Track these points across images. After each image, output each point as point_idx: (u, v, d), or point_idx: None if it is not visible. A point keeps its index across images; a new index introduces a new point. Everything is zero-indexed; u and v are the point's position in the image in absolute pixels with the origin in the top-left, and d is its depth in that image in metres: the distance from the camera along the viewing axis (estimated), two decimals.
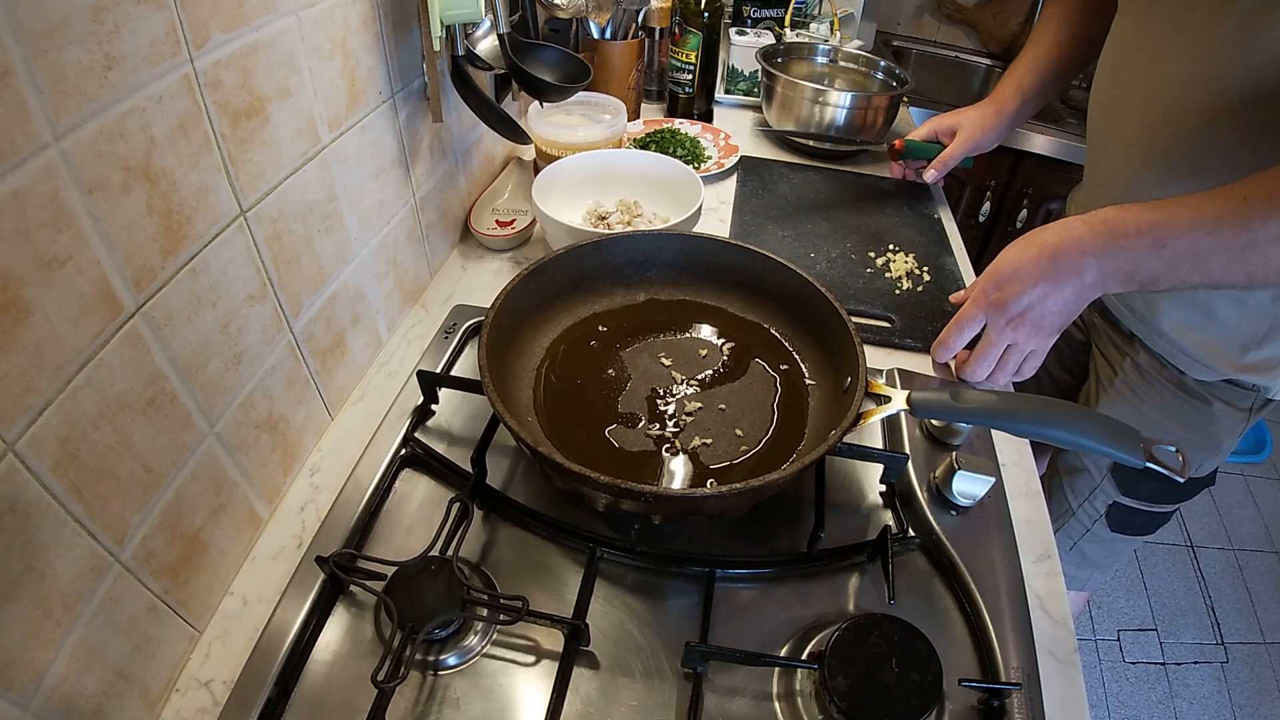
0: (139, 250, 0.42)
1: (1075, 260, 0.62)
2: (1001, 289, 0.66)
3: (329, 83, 0.58)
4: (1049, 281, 0.64)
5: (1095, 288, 0.63)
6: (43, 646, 0.39)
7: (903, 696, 0.46)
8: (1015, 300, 0.65)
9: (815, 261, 0.91)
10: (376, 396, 0.72)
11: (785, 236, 0.95)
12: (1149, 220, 0.59)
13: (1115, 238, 0.61)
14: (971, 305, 0.69)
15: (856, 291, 0.87)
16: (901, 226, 1.00)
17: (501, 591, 0.55)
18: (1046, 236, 0.64)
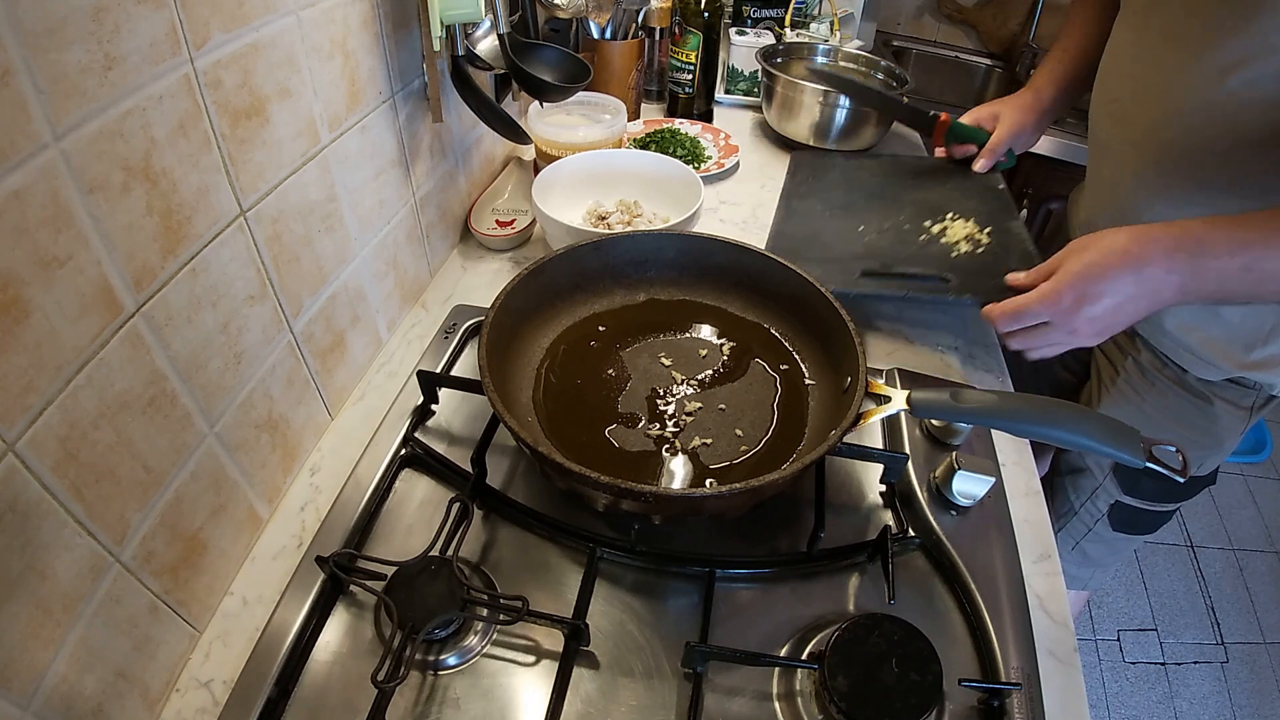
0: (139, 250, 0.42)
1: (1160, 278, 0.59)
2: (1079, 300, 0.61)
3: (329, 83, 0.58)
4: (1128, 297, 0.60)
5: (1167, 303, 0.61)
6: (43, 646, 0.39)
7: (903, 696, 0.46)
8: (1089, 309, 0.61)
9: (864, 234, 0.85)
10: (376, 396, 0.72)
11: (831, 213, 0.90)
12: (1240, 239, 0.57)
13: (1204, 257, 0.58)
14: (1040, 304, 0.64)
15: (909, 256, 0.81)
16: (961, 197, 0.92)
17: (501, 591, 0.55)
18: (1130, 247, 0.60)
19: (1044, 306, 0.63)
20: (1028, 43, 1.81)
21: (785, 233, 0.87)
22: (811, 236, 0.86)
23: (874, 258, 0.79)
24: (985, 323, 0.93)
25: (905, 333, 0.85)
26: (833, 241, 0.84)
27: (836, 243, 0.84)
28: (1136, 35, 0.73)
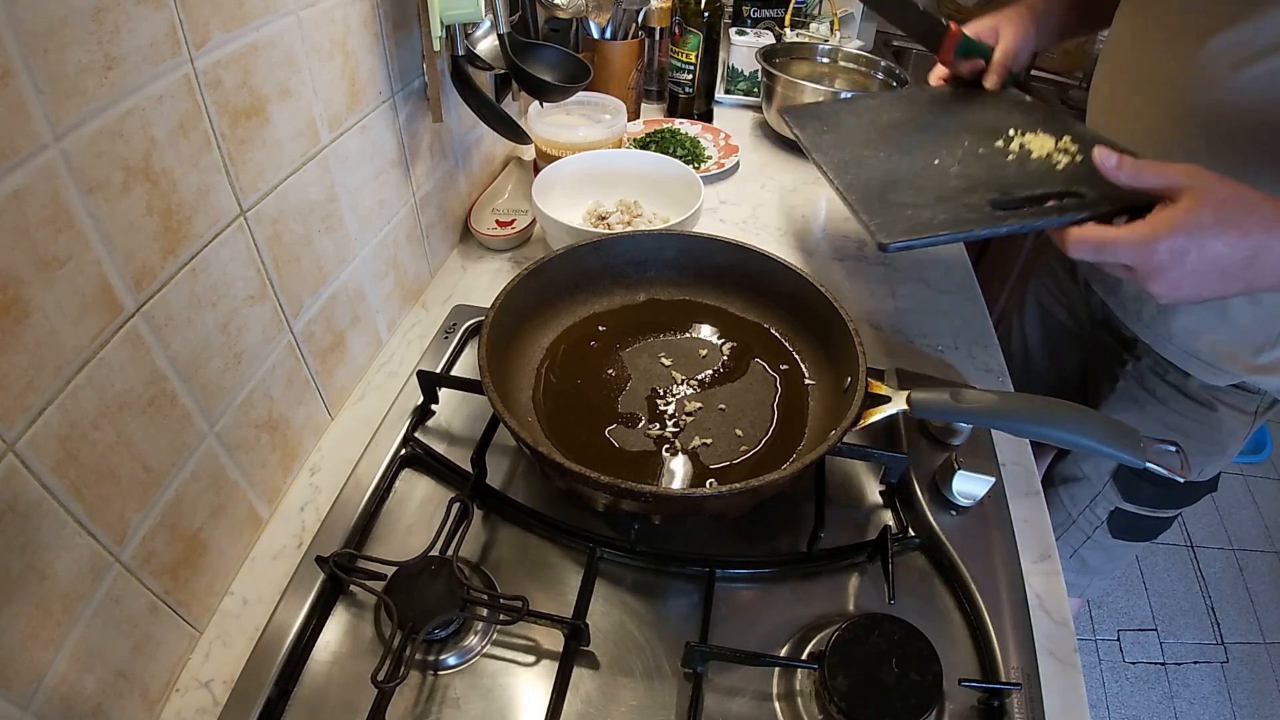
0: (139, 250, 0.42)
1: (1273, 267, 0.50)
2: (1177, 260, 0.51)
3: (329, 83, 0.58)
4: (1232, 272, 0.51)
5: (1260, 290, 0.53)
6: (43, 646, 0.39)
7: (903, 696, 0.46)
8: (1181, 270, 0.51)
9: (947, 166, 0.71)
10: (376, 396, 0.72)
11: (888, 156, 0.74)
12: None
13: None
14: (1131, 249, 0.52)
15: (1017, 180, 0.66)
16: (1005, 114, 0.78)
17: (501, 591, 0.55)
18: (1250, 225, 0.50)
19: (1134, 253, 0.52)
20: None
21: (859, 183, 0.69)
22: (890, 180, 0.69)
23: (984, 188, 0.65)
24: (985, 317, 0.90)
25: (905, 332, 0.85)
26: (920, 181, 0.69)
27: (926, 182, 0.68)
28: (1135, 29, 0.72)
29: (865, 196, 0.66)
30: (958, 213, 0.61)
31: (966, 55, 0.86)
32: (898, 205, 0.62)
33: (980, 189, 0.66)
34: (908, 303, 0.89)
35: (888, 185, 0.69)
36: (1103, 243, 0.53)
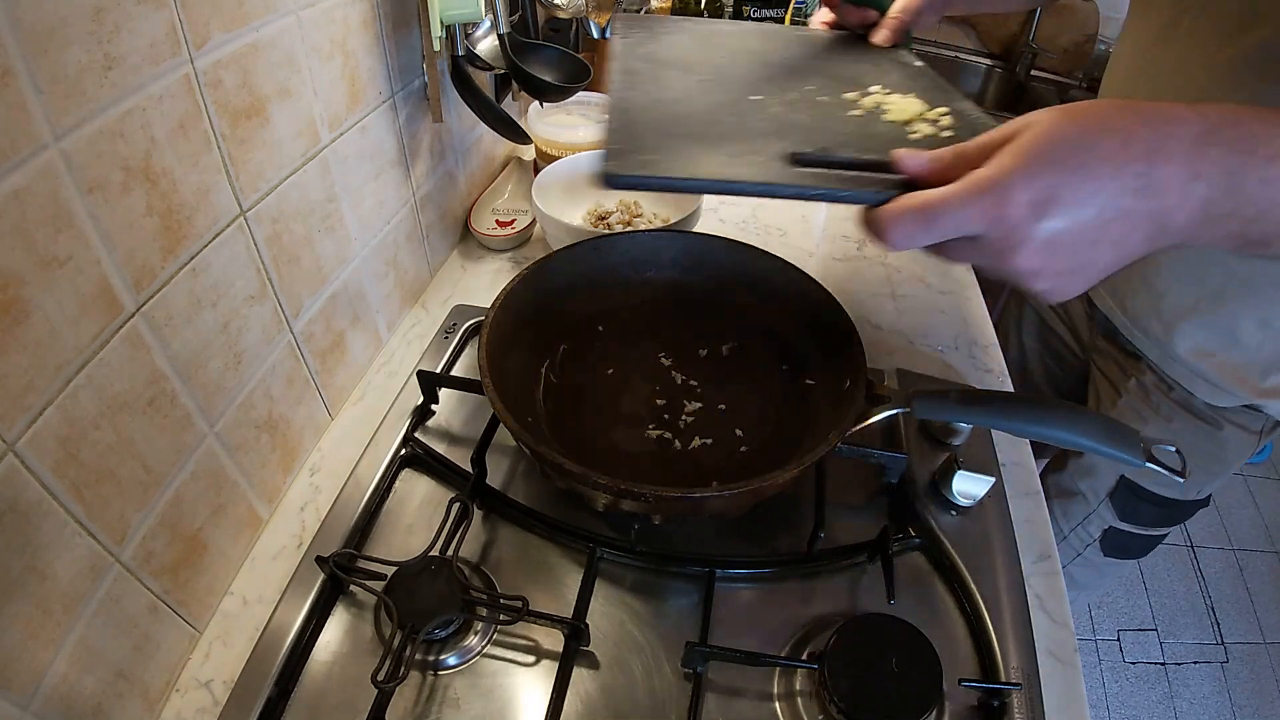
0: (139, 250, 0.42)
1: (1177, 186, 0.35)
2: (1036, 207, 0.36)
3: (329, 83, 0.58)
4: (1119, 214, 0.36)
5: (1172, 238, 0.38)
6: (43, 646, 0.39)
7: (903, 696, 0.46)
8: (1049, 223, 0.36)
9: (766, 105, 0.56)
10: (376, 396, 0.72)
11: (699, 82, 0.59)
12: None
13: (1254, 160, 0.35)
14: (967, 202, 0.37)
15: (849, 138, 0.52)
16: (877, 70, 0.65)
17: (501, 591, 0.55)
18: (1134, 126, 0.36)
19: (976, 209, 0.36)
20: (1028, 43, 1.81)
21: (634, 102, 0.53)
22: (681, 107, 0.54)
23: (796, 137, 0.51)
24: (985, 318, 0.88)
25: (905, 333, 0.85)
26: (719, 115, 0.54)
27: (726, 116, 0.54)
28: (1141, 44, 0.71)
29: (628, 119, 0.51)
30: (737, 157, 0.47)
31: (857, 2, 0.74)
32: (665, 136, 0.49)
33: (790, 136, 0.52)
34: (908, 303, 0.89)
35: (674, 112, 0.54)
36: (928, 209, 0.38)
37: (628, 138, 0.48)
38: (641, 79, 0.59)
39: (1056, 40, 1.83)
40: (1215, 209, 0.36)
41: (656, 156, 0.46)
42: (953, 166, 0.39)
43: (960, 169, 0.39)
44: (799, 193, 0.45)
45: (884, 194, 0.41)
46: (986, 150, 0.38)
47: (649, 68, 0.61)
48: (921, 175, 0.41)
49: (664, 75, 0.60)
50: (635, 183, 0.45)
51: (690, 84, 0.59)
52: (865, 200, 0.42)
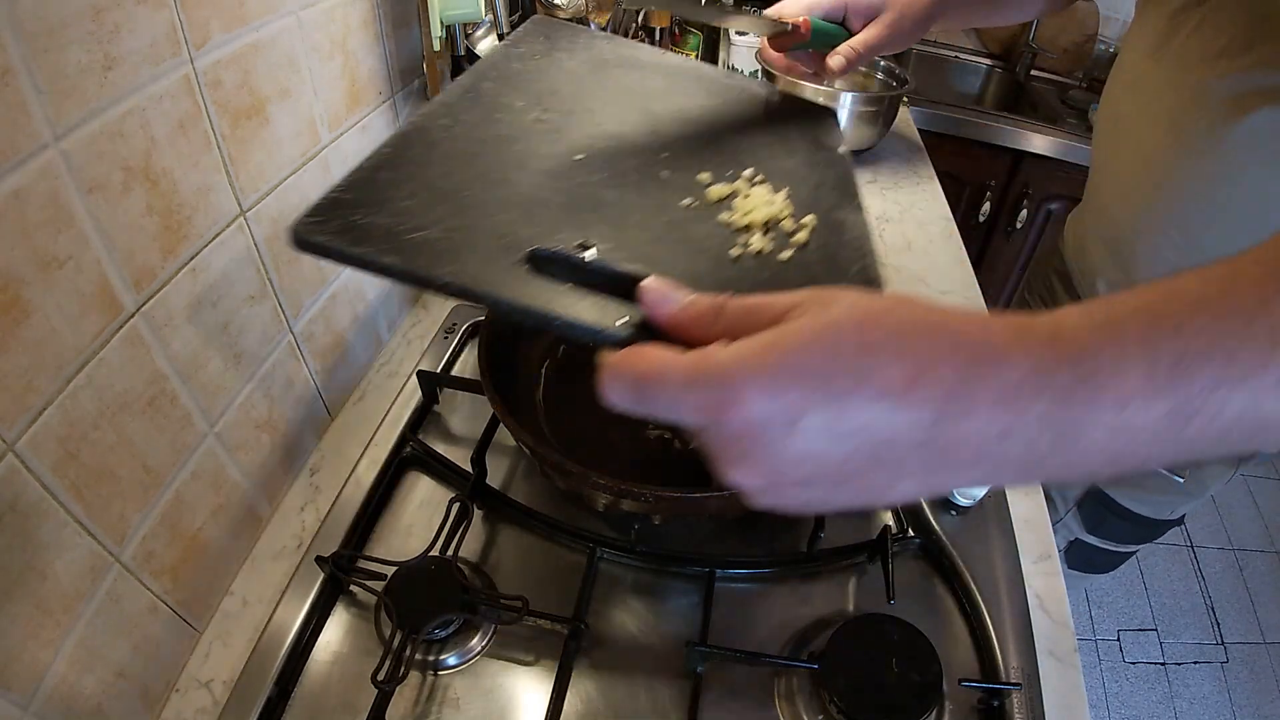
0: (139, 250, 0.42)
1: (975, 446, 0.26)
2: (783, 420, 0.26)
3: (329, 83, 0.58)
4: (883, 462, 0.27)
5: (970, 485, 0.32)
6: (43, 646, 0.39)
7: (903, 696, 0.46)
8: (793, 444, 0.27)
9: (583, 169, 0.46)
10: (376, 396, 0.72)
11: (540, 121, 0.49)
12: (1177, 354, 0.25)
13: (1093, 400, 0.25)
14: (690, 390, 0.28)
15: (651, 234, 0.42)
16: (776, 149, 0.55)
17: (501, 591, 0.55)
18: (935, 360, 0.26)
19: (691, 400, 0.28)
20: (1028, 43, 1.81)
21: (424, 136, 0.44)
22: (474, 155, 0.44)
23: (580, 223, 0.41)
24: None
25: None
26: (511, 173, 0.43)
27: (519, 174, 0.43)
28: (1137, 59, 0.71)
29: (395, 156, 0.41)
30: (459, 242, 0.37)
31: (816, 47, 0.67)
32: (419, 189, 0.40)
33: (576, 219, 0.41)
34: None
35: (463, 153, 0.44)
36: (641, 382, 0.29)
37: (366, 184, 0.39)
38: (473, 103, 0.49)
39: (1056, 40, 1.83)
40: (1037, 467, 0.27)
41: (376, 219, 0.36)
42: (706, 325, 0.30)
43: (711, 330, 0.30)
44: (503, 305, 0.34)
45: (610, 333, 0.33)
46: (753, 318, 0.29)
47: (496, 90, 0.51)
48: (662, 322, 0.31)
49: (505, 103, 0.50)
50: (320, 250, 0.34)
51: (525, 122, 0.49)
52: (584, 335, 0.33)
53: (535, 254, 0.37)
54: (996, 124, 1.59)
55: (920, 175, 1.18)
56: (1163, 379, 0.24)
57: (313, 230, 0.34)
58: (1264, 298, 0.25)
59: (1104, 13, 1.80)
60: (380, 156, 0.41)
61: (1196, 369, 0.24)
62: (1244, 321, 0.24)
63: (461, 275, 0.34)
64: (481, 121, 0.47)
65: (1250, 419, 0.25)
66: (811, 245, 0.45)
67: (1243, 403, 0.24)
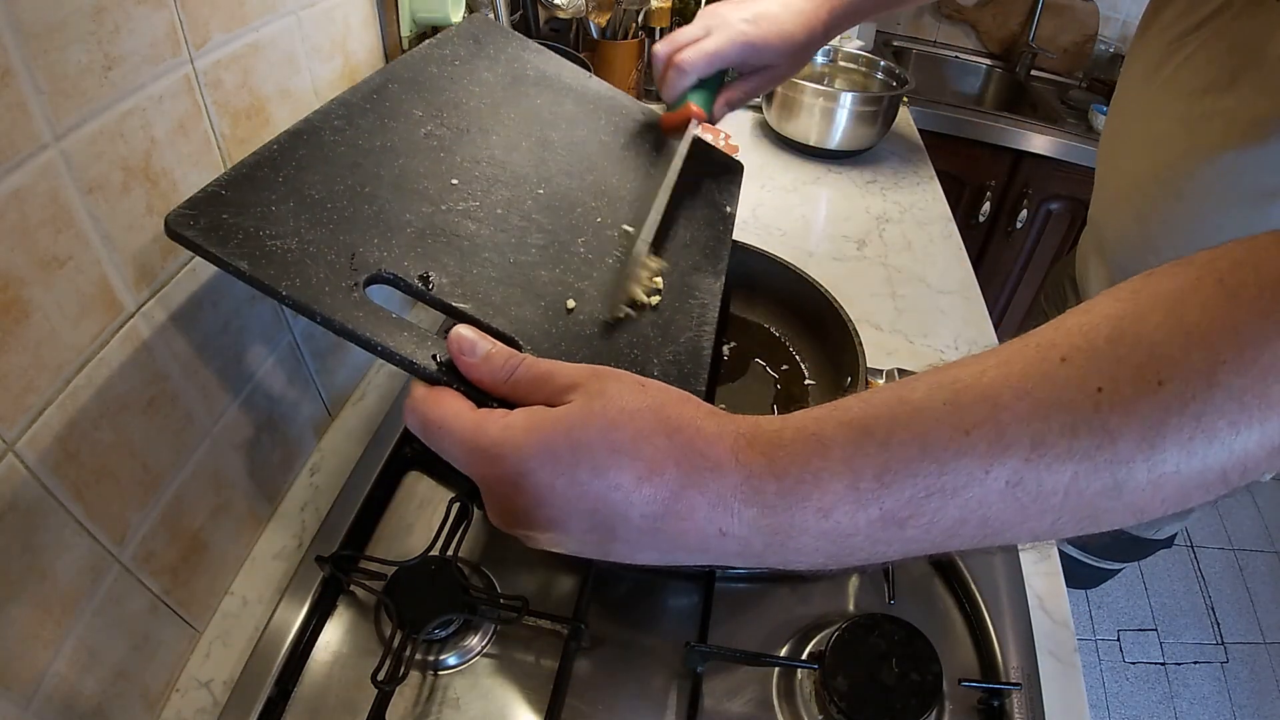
0: (139, 250, 0.42)
1: (697, 542, 0.30)
2: (522, 481, 0.30)
3: (329, 83, 0.58)
4: (619, 543, 0.31)
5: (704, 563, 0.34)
6: (43, 646, 0.39)
7: (903, 696, 0.46)
8: (523, 498, 0.31)
9: (453, 196, 0.46)
10: (376, 396, 0.72)
11: (431, 136, 0.49)
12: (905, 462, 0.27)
13: (797, 509, 0.28)
14: (466, 447, 0.32)
15: (502, 271, 0.43)
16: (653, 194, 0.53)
17: (501, 591, 0.55)
18: (662, 462, 0.29)
19: (465, 455, 0.32)
20: (1028, 43, 1.81)
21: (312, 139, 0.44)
22: (352, 164, 0.44)
23: (426, 253, 0.41)
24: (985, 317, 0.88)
25: (905, 333, 0.85)
26: (382, 190, 0.43)
27: (388, 193, 0.43)
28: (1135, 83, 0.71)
29: (280, 153, 0.41)
30: (308, 255, 0.37)
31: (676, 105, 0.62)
32: (288, 193, 0.40)
33: (414, 250, 0.41)
34: (908, 303, 0.89)
35: (341, 162, 0.43)
36: (430, 427, 0.33)
37: (244, 182, 0.39)
38: (373, 106, 0.48)
39: (1056, 40, 1.83)
40: (762, 559, 0.30)
41: (241, 221, 0.37)
42: (497, 381, 0.34)
43: (500, 387, 0.34)
44: (332, 325, 0.35)
45: (421, 368, 0.35)
46: (536, 388, 0.33)
47: (400, 94, 0.50)
48: (461, 370, 0.34)
49: (404, 110, 0.49)
50: (188, 244, 0.35)
51: (415, 136, 0.48)
52: (400, 366, 0.35)
53: (374, 278, 0.39)
54: (996, 124, 1.59)
55: (920, 175, 1.18)
56: (867, 490, 0.26)
57: (183, 223, 0.36)
58: (993, 404, 0.25)
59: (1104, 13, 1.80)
60: (267, 152, 0.41)
61: (902, 481, 0.26)
62: (961, 433, 0.25)
63: (297, 291, 0.36)
64: (373, 129, 0.47)
65: (975, 523, 0.26)
66: (664, 307, 0.46)
67: (962, 510, 0.26)
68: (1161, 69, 0.66)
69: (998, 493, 0.25)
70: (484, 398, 0.34)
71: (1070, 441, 0.24)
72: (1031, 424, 0.25)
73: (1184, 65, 0.63)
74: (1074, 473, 0.25)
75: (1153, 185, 0.66)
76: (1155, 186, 0.66)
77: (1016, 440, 0.25)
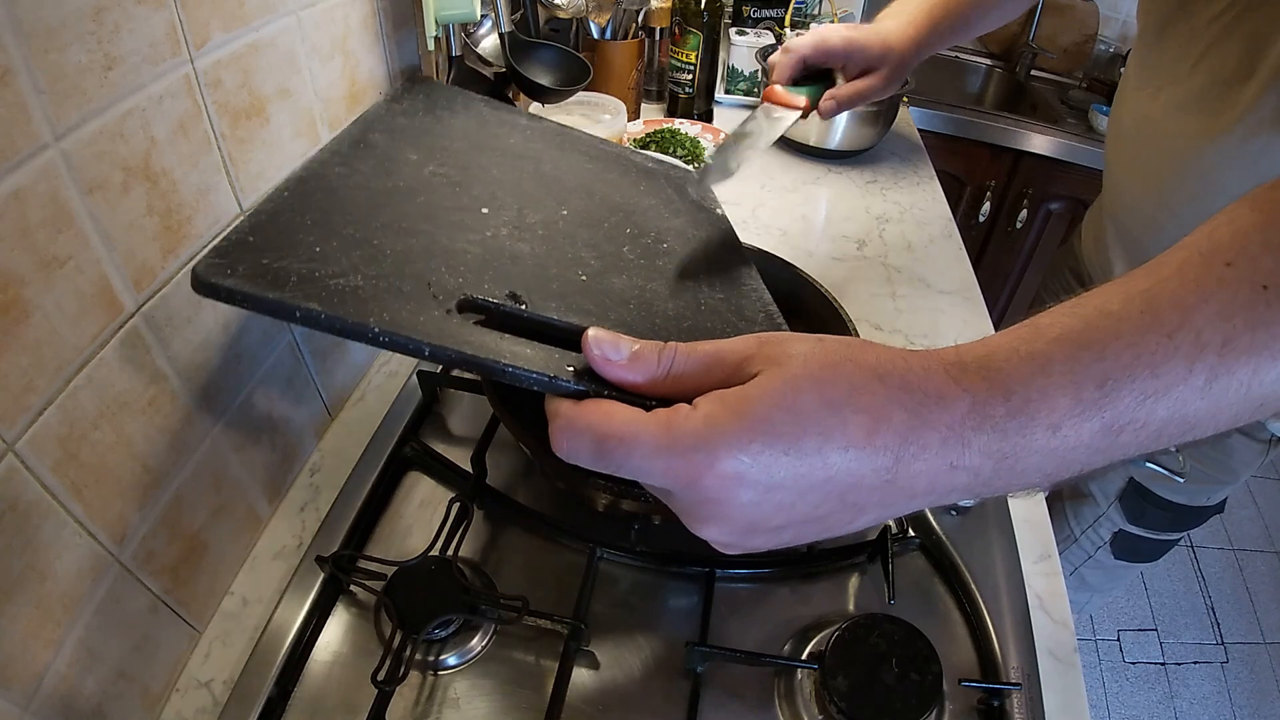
0: (139, 250, 0.42)
1: (927, 481, 0.28)
2: (748, 483, 0.28)
3: (329, 83, 0.58)
4: (850, 505, 0.29)
5: (917, 508, 0.31)
6: (43, 646, 0.39)
7: (903, 696, 0.46)
8: (745, 493, 0.28)
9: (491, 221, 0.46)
10: (376, 396, 0.72)
11: (437, 175, 0.49)
12: (1098, 376, 0.27)
13: (1025, 431, 0.28)
14: (659, 452, 0.28)
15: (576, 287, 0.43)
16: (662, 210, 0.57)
17: (501, 591, 0.55)
18: (888, 409, 0.28)
19: (663, 464, 0.28)
20: (1028, 43, 1.81)
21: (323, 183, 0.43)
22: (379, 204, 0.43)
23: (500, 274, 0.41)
24: (985, 317, 0.88)
25: (905, 332, 0.85)
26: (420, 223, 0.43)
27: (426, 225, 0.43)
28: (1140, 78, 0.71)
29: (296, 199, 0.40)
30: (383, 289, 0.35)
31: None
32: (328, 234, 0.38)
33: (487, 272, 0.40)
34: (908, 303, 0.89)
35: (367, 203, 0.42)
36: (606, 443, 0.29)
37: (270, 228, 0.36)
38: (366, 153, 0.46)
39: (1056, 40, 1.83)
40: (983, 489, 0.29)
41: (285, 264, 0.34)
42: (654, 375, 0.31)
43: (661, 382, 0.31)
44: (444, 355, 0.33)
45: (562, 382, 0.32)
46: (706, 371, 0.30)
47: (388, 142, 0.49)
48: (608, 373, 0.31)
49: (399, 155, 0.48)
50: (229, 295, 0.32)
51: (423, 175, 0.47)
52: (534, 383, 0.33)
53: (467, 302, 0.36)
54: (996, 124, 1.59)
55: (920, 175, 1.18)
56: (1090, 401, 0.27)
57: (217, 272, 0.32)
58: (1185, 308, 0.27)
59: (1104, 13, 1.80)
60: (279, 200, 0.39)
61: (1122, 388, 0.27)
62: (1165, 337, 0.27)
63: (391, 325, 0.32)
64: (378, 173, 0.45)
65: (1177, 422, 0.27)
66: (725, 297, 0.49)
67: (1169, 410, 0.27)
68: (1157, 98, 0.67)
69: (1197, 390, 0.27)
70: (638, 402, 0.30)
71: (1250, 336, 0.26)
72: (1219, 324, 0.27)
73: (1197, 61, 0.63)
74: (1254, 366, 0.27)
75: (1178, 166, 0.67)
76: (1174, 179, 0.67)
77: (1210, 340, 0.27)
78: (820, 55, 0.67)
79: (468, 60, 0.77)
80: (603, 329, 0.32)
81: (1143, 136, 0.73)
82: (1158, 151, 0.70)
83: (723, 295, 0.48)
